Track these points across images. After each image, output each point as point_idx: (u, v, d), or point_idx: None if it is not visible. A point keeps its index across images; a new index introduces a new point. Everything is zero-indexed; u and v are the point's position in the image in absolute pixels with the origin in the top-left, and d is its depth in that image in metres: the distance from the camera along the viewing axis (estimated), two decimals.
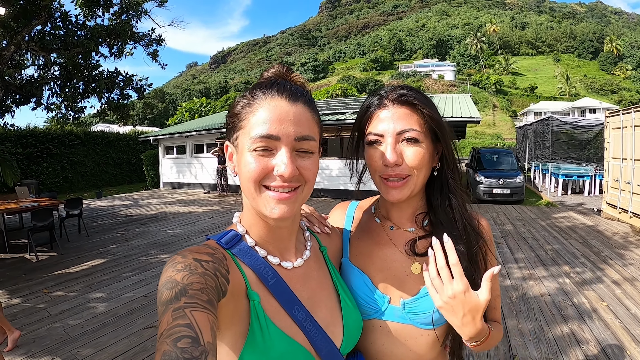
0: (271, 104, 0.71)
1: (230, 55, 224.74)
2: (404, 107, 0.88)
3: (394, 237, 0.96)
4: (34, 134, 17.03)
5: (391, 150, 0.85)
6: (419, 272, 0.91)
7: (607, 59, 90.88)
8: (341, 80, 76.43)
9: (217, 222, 9.48)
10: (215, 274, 0.65)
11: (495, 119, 62.41)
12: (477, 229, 0.93)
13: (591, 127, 12.88)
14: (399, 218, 0.98)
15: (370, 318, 0.91)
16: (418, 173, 0.87)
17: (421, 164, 0.86)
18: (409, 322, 0.89)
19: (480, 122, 12.34)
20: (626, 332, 3.54)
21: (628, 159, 7.79)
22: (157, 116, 66.02)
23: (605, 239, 6.98)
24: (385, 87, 0.94)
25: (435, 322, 0.88)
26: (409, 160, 0.85)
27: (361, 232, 1.03)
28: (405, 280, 0.91)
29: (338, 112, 14.55)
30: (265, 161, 0.70)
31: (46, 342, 3.61)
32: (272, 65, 0.83)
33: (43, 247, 7.03)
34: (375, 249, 0.96)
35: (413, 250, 0.92)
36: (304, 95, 0.76)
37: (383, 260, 0.94)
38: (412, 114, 0.87)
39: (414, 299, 0.89)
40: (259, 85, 0.75)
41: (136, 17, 10.63)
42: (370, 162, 0.91)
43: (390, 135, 0.86)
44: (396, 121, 0.87)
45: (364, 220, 1.05)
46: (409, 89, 0.89)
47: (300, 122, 0.72)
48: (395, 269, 0.93)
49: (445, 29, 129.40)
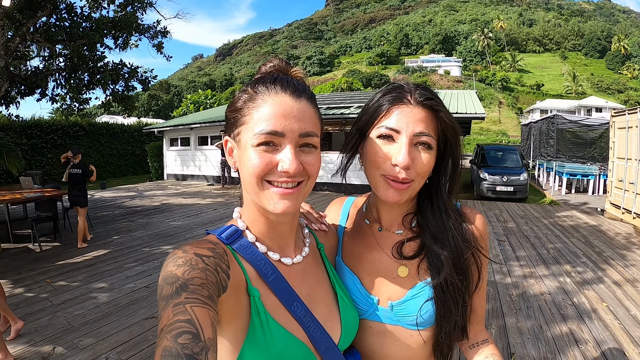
0: (275, 100, 0.70)
1: (236, 48, 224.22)
2: (427, 110, 0.84)
3: (382, 240, 0.96)
4: (38, 125, 17.09)
5: (406, 152, 0.81)
6: (405, 275, 0.91)
7: (615, 58, 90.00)
8: (347, 74, 76.01)
9: (220, 214, 9.52)
10: (216, 269, 0.65)
11: (500, 115, 62.13)
12: (466, 233, 0.90)
13: (597, 126, 12.79)
14: (388, 220, 0.97)
15: (361, 318, 0.92)
16: (420, 180, 0.86)
17: (427, 172, 0.85)
18: (398, 323, 0.89)
19: (485, 118, 12.30)
20: (625, 334, 3.54)
21: (633, 159, 7.74)
22: (162, 108, 66.09)
23: (608, 239, 6.95)
24: (407, 83, 0.90)
25: (420, 325, 0.87)
26: (418, 165, 0.83)
27: (353, 232, 1.03)
28: (392, 282, 0.91)
29: (343, 106, 14.50)
30: (269, 157, 0.69)
31: (48, 331, 3.65)
32: (269, 59, 0.82)
33: (47, 238, 7.08)
34: (364, 252, 0.96)
35: (400, 254, 0.92)
36: (307, 91, 0.75)
37: (371, 263, 0.94)
38: (432, 120, 0.84)
39: (401, 302, 0.89)
40: (261, 80, 0.75)
41: (142, 9, 10.60)
42: (374, 157, 0.86)
43: (407, 134, 0.82)
44: (417, 122, 0.83)
45: (357, 219, 1.05)
46: (431, 92, 0.86)
47: (304, 118, 0.71)
48: (382, 271, 0.93)
49: (452, 24, 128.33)
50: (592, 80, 78.11)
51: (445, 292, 0.85)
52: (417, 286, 0.89)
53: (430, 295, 0.86)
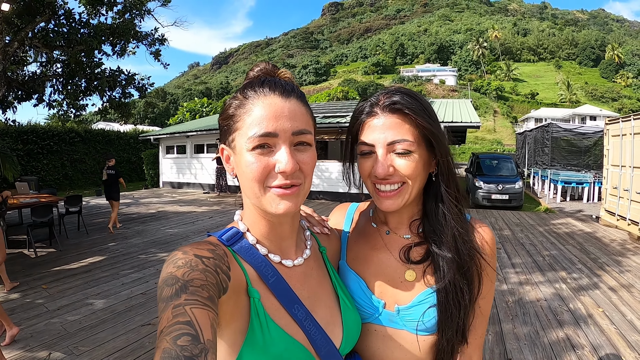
0: (265, 102, 0.71)
1: (232, 56, 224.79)
2: (395, 116, 0.84)
3: (390, 243, 0.95)
4: (35, 131, 17.07)
5: (381, 163, 0.83)
6: (413, 280, 0.90)
7: (609, 67, 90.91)
8: (342, 83, 76.26)
9: (217, 222, 9.49)
10: (216, 270, 0.65)
11: (495, 124, 62.44)
12: (472, 242, 0.88)
13: (591, 134, 12.90)
14: (395, 223, 0.97)
15: (365, 322, 0.91)
16: (413, 182, 0.85)
17: (415, 174, 0.84)
18: (404, 327, 0.88)
19: (480, 127, 12.39)
20: (622, 338, 3.55)
21: (627, 166, 7.81)
22: (158, 115, 65.99)
23: (603, 246, 6.99)
24: (377, 92, 0.90)
25: (425, 331, 0.87)
26: (401, 169, 0.83)
27: (358, 235, 1.02)
28: (399, 286, 0.90)
29: (339, 114, 14.55)
30: (266, 160, 0.70)
31: (44, 337, 3.63)
32: (256, 64, 0.82)
33: (42, 243, 7.04)
34: (371, 254, 0.96)
35: (407, 258, 0.91)
36: (295, 90, 0.76)
37: (378, 266, 0.94)
38: (403, 123, 0.83)
39: (408, 306, 0.88)
40: (249, 85, 0.75)
41: (139, 16, 10.69)
42: (361, 171, 0.90)
43: (380, 146, 0.83)
44: (387, 131, 0.83)
45: (362, 223, 1.05)
46: (401, 94, 0.85)
47: (295, 116, 0.72)
48: (389, 274, 0.92)
49: (447, 34, 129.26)
50: (586, 88, 78.73)
51: (448, 295, 0.84)
52: (425, 292, 0.88)
53: (434, 302, 0.86)
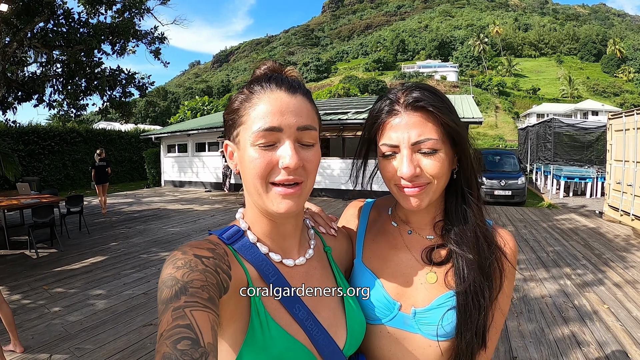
0: (271, 97, 0.70)
1: (233, 55, 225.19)
2: (419, 114, 0.81)
3: (411, 243, 0.92)
4: (35, 131, 17.07)
5: (408, 163, 0.79)
6: (434, 282, 0.87)
7: (610, 62, 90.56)
8: (343, 80, 76.16)
9: (218, 220, 9.49)
10: (216, 270, 0.64)
11: (497, 120, 62.33)
12: (493, 241, 0.87)
13: (593, 129, 12.86)
14: (417, 223, 0.94)
15: (378, 323, 0.88)
16: (438, 181, 0.82)
17: (441, 172, 0.81)
18: (418, 331, 0.85)
19: (482, 123, 12.33)
20: (627, 335, 3.52)
21: (630, 161, 7.76)
22: (159, 114, 66.19)
23: (607, 242, 6.95)
24: (395, 89, 0.86)
25: (441, 336, 0.83)
26: (427, 170, 0.80)
27: (376, 233, 0.98)
28: (419, 288, 0.87)
29: (340, 112, 14.54)
30: (270, 155, 0.69)
31: (45, 338, 3.61)
32: (263, 62, 0.82)
33: (44, 244, 7.04)
34: (391, 253, 0.93)
35: (430, 259, 0.88)
36: (302, 87, 0.76)
37: (397, 265, 0.91)
38: (427, 121, 0.80)
39: (426, 309, 0.85)
40: (256, 80, 0.75)
41: (139, 15, 10.66)
42: (384, 173, 0.86)
43: (405, 146, 0.80)
44: (410, 130, 0.80)
45: (381, 221, 1.01)
46: (421, 90, 0.82)
47: (300, 112, 0.71)
48: (409, 275, 0.89)
49: (448, 30, 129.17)
50: (588, 83, 78.47)
51: (468, 297, 0.81)
52: (444, 295, 0.84)
53: (454, 304, 0.82)
